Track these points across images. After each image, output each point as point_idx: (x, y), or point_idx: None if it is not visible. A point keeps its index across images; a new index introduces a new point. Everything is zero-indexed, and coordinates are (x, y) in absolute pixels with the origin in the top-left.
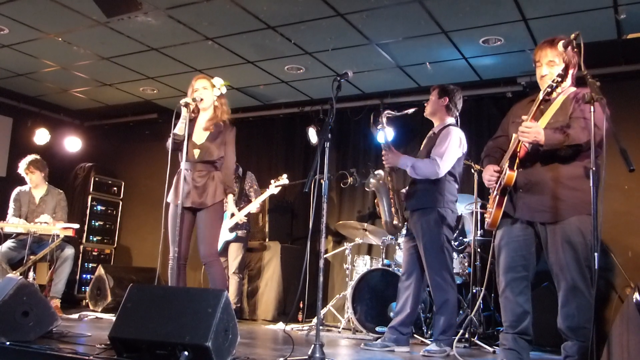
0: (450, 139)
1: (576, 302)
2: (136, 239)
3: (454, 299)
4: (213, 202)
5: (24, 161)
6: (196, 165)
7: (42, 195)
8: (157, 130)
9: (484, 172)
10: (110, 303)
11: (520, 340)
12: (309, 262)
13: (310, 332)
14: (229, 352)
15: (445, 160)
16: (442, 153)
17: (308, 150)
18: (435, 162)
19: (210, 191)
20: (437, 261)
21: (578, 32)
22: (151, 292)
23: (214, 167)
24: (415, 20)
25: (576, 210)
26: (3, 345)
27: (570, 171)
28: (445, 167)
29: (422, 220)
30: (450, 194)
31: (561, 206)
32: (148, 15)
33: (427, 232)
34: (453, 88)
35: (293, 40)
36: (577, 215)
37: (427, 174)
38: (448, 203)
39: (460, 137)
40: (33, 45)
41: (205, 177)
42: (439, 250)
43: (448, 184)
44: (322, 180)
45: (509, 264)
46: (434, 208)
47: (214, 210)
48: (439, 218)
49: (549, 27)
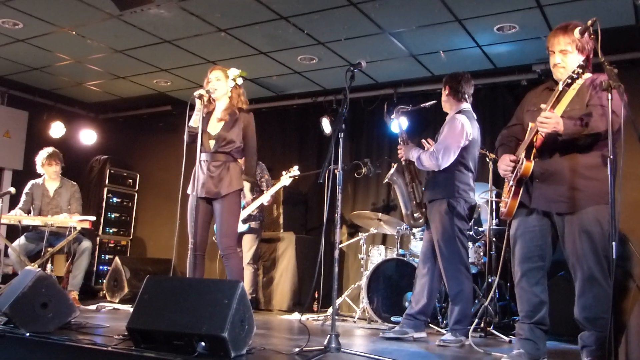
0: (448, 129)
1: (593, 293)
2: (152, 231)
3: (469, 289)
4: (228, 192)
5: (43, 153)
6: (212, 155)
7: (56, 188)
8: (171, 122)
9: (500, 162)
10: (127, 294)
11: (536, 330)
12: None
13: (326, 322)
14: (245, 342)
15: (444, 151)
16: (441, 145)
17: (322, 140)
18: (433, 155)
19: (225, 181)
20: (449, 252)
21: (595, 19)
22: (168, 284)
23: (231, 157)
24: (428, 8)
25: (593, 200)
26: (23, 336)
27: (587, 161)
28: (445, 158)
29: (435, 212)
30: (461, 183)
31: (578, 196)
32: (161, 7)
33: (439, 223)
34: (453, 74)
35: (306, 31)
36: (594, 205)
37: (429, 166)
38: (460, 193)
39: (463, 124)
40: (47, 39)
41: (221, 168)
42: (451, 240)
43: (459, 173)
44: (337, 171)
45: (525, 254)
46: (444, 199)
47: (230, 200)
48: (450, 209)
49: (565, 13)
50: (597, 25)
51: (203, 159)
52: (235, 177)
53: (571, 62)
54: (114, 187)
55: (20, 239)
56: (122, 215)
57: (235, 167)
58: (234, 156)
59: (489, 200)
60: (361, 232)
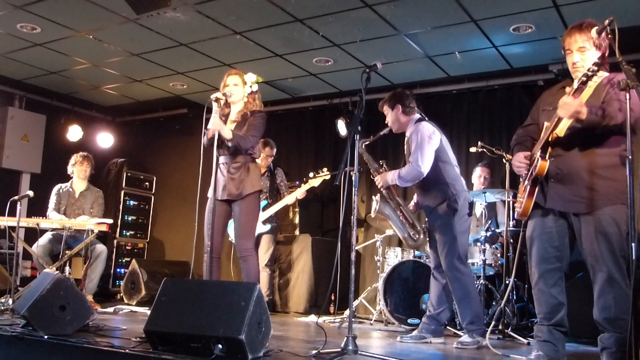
0: (417, 138)
1: (613, 294)
2: (168, 233)
3: (473, 287)
4: (249, 193)
5: (79, 154)
6: (231, 157)
7: (82, 190)
8: (187, 125)
9: (514, 159)
10: (144, 296)
11: (555, 332)
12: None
13: (343, 325)
14: (262, 344)
15: (422, 158)
16: (416, 153)
17: (337, 142)
18: (414, 165)
19: (247, 182)
20: (450, 253)
21: (612, 18)
22: (185, 286)
23: (250, 158)
24: (444, 9)
25: (610, 200)
26: (41, 338)
27: (603, 160)
28: (426, 164)
29: (434, 216)
30: (450, 178)
31: (595, 196)
32: (177, 11)
33: (439, 227)
34: (397, 92)
35: (321, 33)
36: (611, 205)
37: (413, 177)
38: (455, 187)
39: (427, 128)
40: (65, 43)
41: (241, 169)
42: (451, 242)
43: (444, 171)
44: (352, 173)
45: (542, 255)
46: (443, 202)
47: (250, 202)
48: (451, 210)
49: (581, 12)
50: (614, 25)
51: (222, 161)
52: (255, 178)
53: (589, 59)
54: (131, 189)
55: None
56: (139, 218)
57: (255, 168)
58: (253, 156)
59: (506, 201)
60: (377, 234)
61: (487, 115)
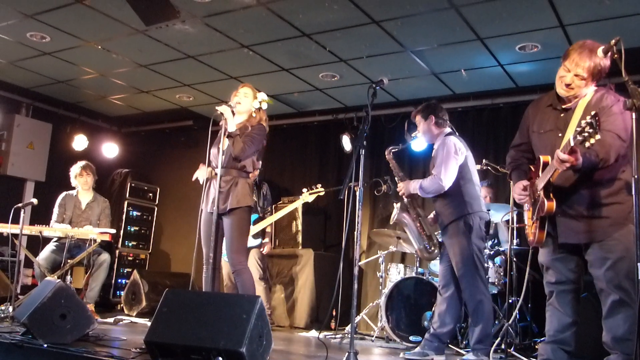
0: (443, 152)
1: (622, 314)
2: (171, 245)
3: (489, 308)
4: (233, 207)
5: (77, 165)
6: (224, 171)
7: (88, 201)
8: (192, 137)
9: (514, 190)
10: (144, 308)
11: (559, 352)
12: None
13: (344, 340)
14: (263, 358)
15: (445, 172)
16: (440, 166)
17: (342, 157)
18: (436, 178)
19: (232, 196)
20: (468, 272)
21: (619, 38)
22: (186, 297)
23: (243, 173)
24: (450, 27)
25: (618, 224)
26: (41, 347)
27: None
28: (448, 179)
29: (452, 234)
30: (470, 197)
31: (602, 224)
32: (185, 23)
33: (457, 245)
34: (432, 103)
35: (328, 48)
36: (618, 231)
37: (434, 190)
38: (473, 208)
39: (454, 144)
40: (73, 53)
41: (230, 183)
42: (470, 260)
43: (464, 187)
44: (357, 188)
45: (558, 279)
46: (460, 218)
47: (237, 216)
48: (466, 228)
49: (587, 33)
50: (620, 45)
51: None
52: (242, 193)
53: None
54: (135, 200)
55: (44, 251)
56: (141, 229)
57: (244, 184)
58: (246, 171)
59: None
60: (380, 250)
61: (492, 133)
